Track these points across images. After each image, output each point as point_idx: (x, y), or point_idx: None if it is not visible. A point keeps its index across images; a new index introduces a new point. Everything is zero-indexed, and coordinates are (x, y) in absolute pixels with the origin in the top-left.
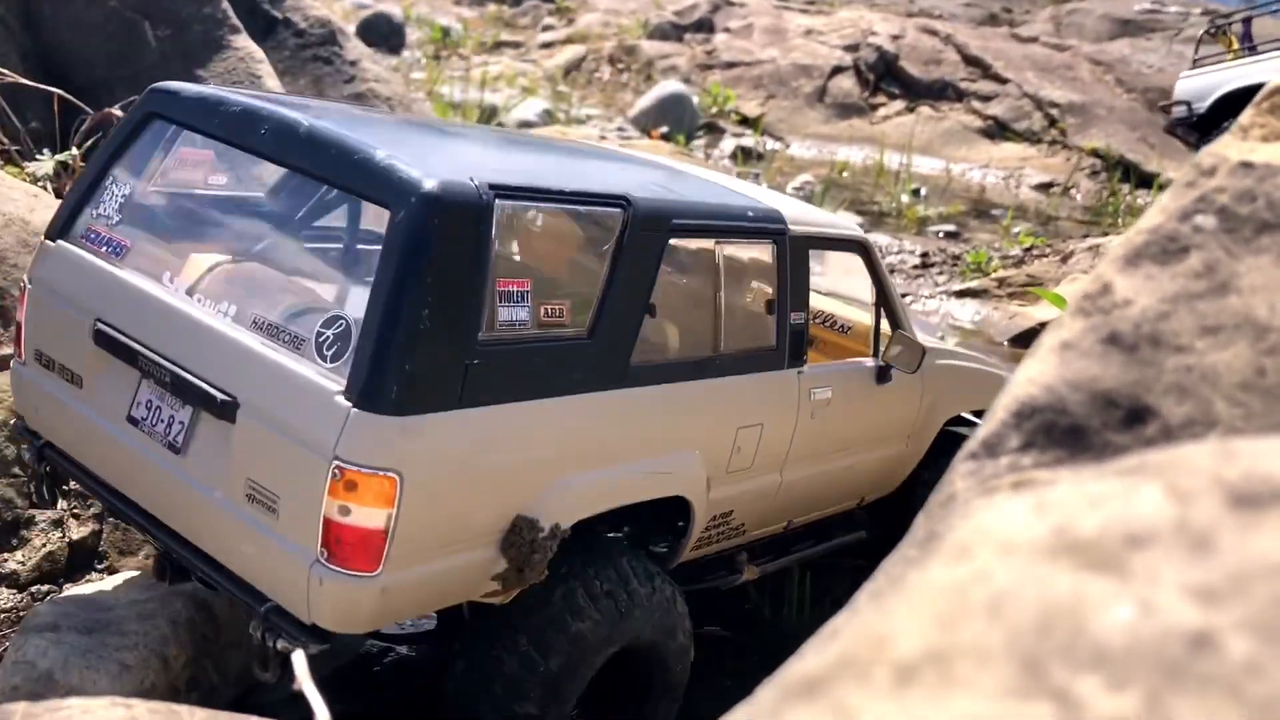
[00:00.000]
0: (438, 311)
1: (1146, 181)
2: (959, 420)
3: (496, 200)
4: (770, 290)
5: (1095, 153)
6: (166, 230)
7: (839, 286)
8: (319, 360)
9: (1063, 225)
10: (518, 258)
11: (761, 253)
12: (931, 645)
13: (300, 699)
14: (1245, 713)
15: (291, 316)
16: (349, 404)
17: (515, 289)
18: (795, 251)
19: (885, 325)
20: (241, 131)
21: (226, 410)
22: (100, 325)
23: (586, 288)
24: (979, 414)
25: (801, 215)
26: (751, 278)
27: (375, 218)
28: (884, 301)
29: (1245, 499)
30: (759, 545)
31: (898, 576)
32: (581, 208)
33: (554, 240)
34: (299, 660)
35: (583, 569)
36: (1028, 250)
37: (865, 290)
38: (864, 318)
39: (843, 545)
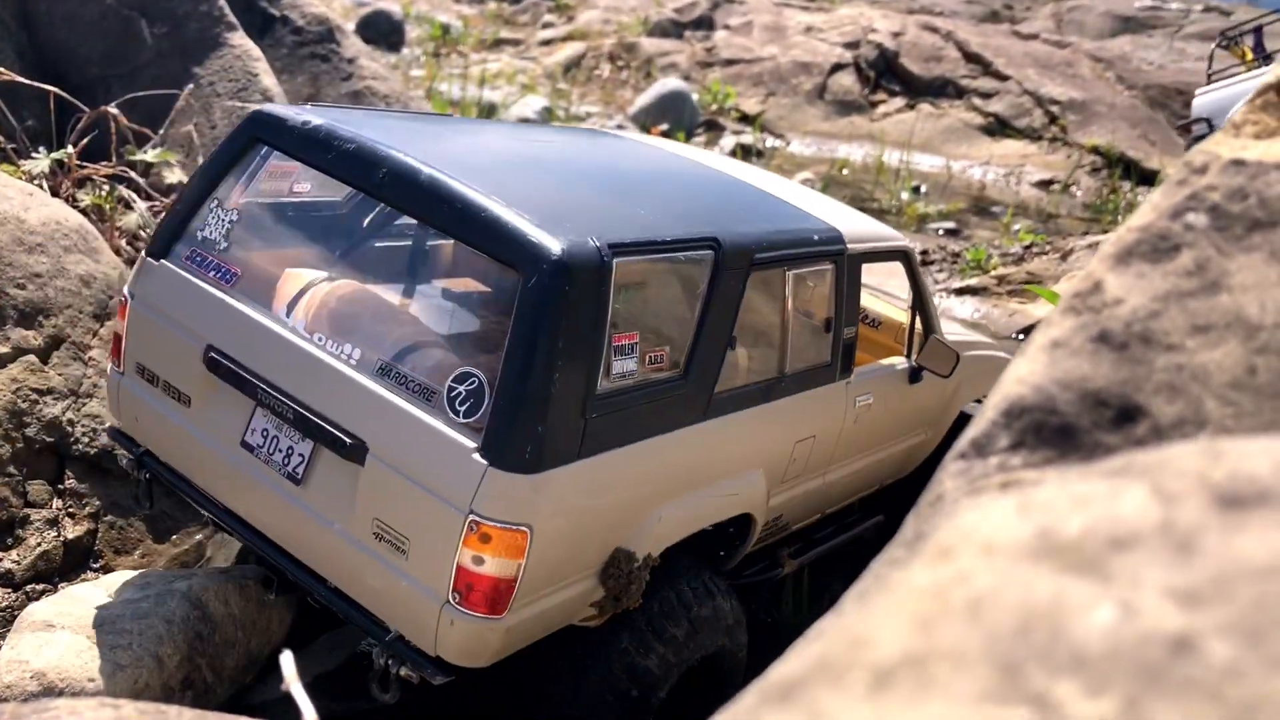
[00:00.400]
0: (566, 372)
1: (1147, 179)
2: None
3: (615, 259)
4: (827, 307)
5: (1096, 150)
6: (277, 260)
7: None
8: (452, 414)
9: (1063, 223)
10: (626, 308)
11: (822, 273)
12: (909, 648)
13: (290, 700)
14: (1225, 717)
15: (418, 366)
16: (485, 462)
17: (626, 342)
18: (851, 270)
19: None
20: (357, 172)
21: (354, 453)
22: (213, 352)
23: (680, 328)
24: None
25: (857, 231)
26: (811, 297)
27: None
28: (920, 305)
29: (1231, 500)
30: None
31: (882, 577)
32: (680, 254)
33: (653, 285)
34: (287, 662)
35: (665, 589)
36: (1028, 248)
37: (885, 279)
38: (889, 310)
39: (865, 530)
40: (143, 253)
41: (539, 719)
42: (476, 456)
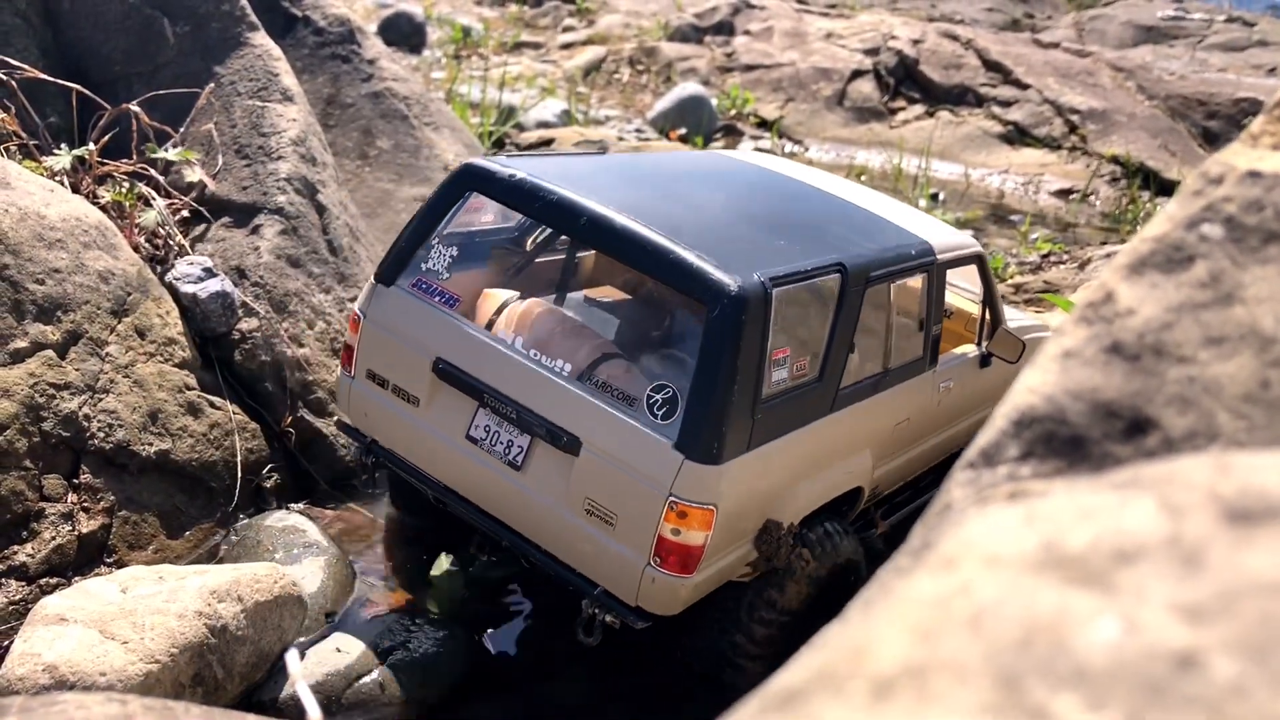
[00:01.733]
0: (741, 384)
1: (1166, 189)
2: None
3: (774, 289)
4: (920, 309)
5: (1115, 159)
6: (485, 284)
7: None
8: (652, 417)
9: (1081, 232)
10: (778, 327)
11: (918, 281)
12: (910, 659)
13: (296, 700)
14: None
15: (618, 378)
16: (682, 455)
17: (781, 356)
18: (939, 276)
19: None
20: (562, 220)
21: (570, 445)
22: (442, 363)
23: (814, 340)
24: None
25: (943, 242)
26: (908, 302)
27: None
28: (989, 300)
29: (1239, 514)
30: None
31: (887, 586)
32: (816, 280)
33: (796, 306)
34: (293, 660)
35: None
36: (1045, 256)
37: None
38: (958, 300)
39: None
40: (372, 279)
41: (696, 648)
42: (675, 451)
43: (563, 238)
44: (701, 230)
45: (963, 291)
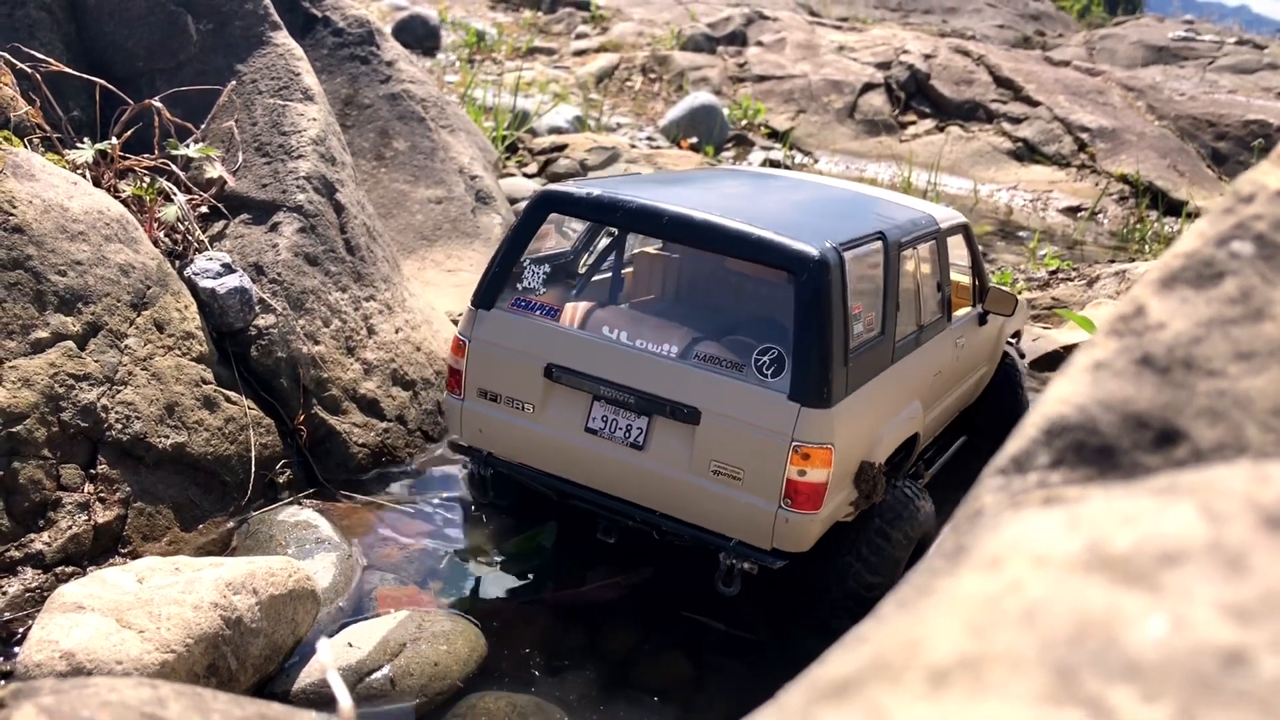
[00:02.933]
0: (835, 335)
1: (1174, 209)
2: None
3: (844, 253)
4: (934, 271)
5: (1124, 178)
6: (582, 295)
7: None
8: (762, 377)
9: (1089, 250)
10: (851, 286)
11: (930, 247)
12: (965, 651)
13: (316, 691)
14: None
15: (721, 350)
16: (797, 404)
17: (857, 311)
18: (942, 242)
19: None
20: (645, 223)
21: (690, 417)
22: (554, 367)
23: (873, 298)
24: (1016, 335)
25: (939, 215)
26: (926, 265)
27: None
28: (976, 266)
29: (1279, 521)
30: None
31: (925, 586)
32: (866, 245)
33: (855, 269)
34: (324, 649)
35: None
36: (1053, 273)
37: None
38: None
39: (957, 448)
40: (470, 306)
41: (824, 590)
42: (790, 401)
43: (619, 247)
44: (762, 216)
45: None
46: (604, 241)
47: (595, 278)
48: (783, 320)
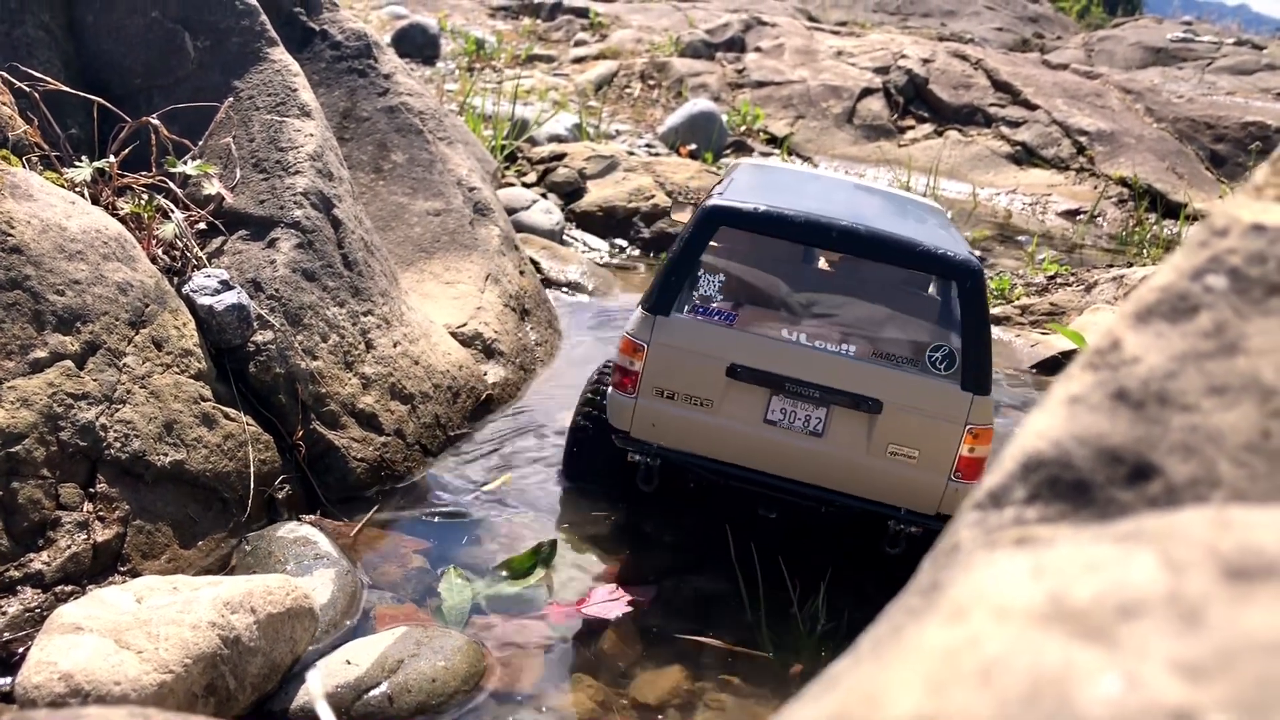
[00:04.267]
0: (989, 333)
1: (1173, 211)
2: None
3: (979, 261)
4: None
5: (1123, 181)
6: (758, 300)
7: None
8: (935, 371)
9: (1088, 253)
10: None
11: None
12: (922, 709)
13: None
14: None
15: (896, 348)
16: (970, 394)
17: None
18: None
19: None
20: (815, 236)
21: (873, 408)
22: (737, 367)
23: None
24: None
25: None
26: None
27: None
28: None
29: (1238, 572)
30: None
31: (898, 626)
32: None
33: None
34: (314, 680)
35: None
36: (1051, 278)
37: None
38: None
39: None
40: (647, 312)
41: None
42: (964, 391)
43: (779, 254)
44: (922, 230)
45: None
46: (770, 250)
47: (763, 284)
48: (944, 321)
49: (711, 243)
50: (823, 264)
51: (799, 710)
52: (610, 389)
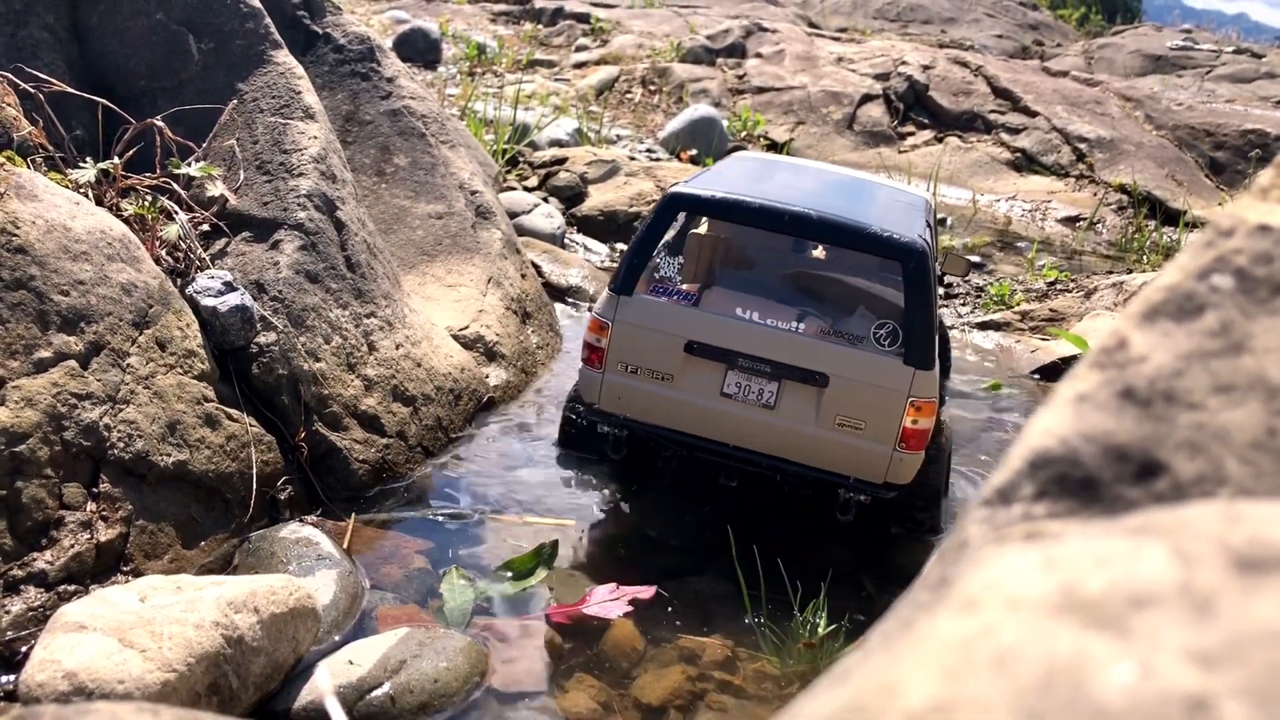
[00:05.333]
0: (933, 312)
1: (1172, 218)
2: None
3: (925, 243)
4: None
5: (1122, 188)
6: (717, 281)
7: None
8: (880, 347)
9: (1087, 260)
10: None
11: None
12: (938, 698)
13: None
14: None
15: (842, 326)
16: (912, 368)
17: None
18: (934, 227)
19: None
20: (768, 221)
21: (820, 381)
22: (694, 343)
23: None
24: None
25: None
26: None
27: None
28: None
29: (1248, 564)
30: None
31: (909, 620)
32: (929, 235)
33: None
34: (323, 677)
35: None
36: (1051, 284)
37: None
38: None
39: None
40: (612, 292)
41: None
42: (906, 366)
43: (729, 239)
44: (870, 212)
45: None
46: (727, 233)
47: (719, 265)
48: (890, 300)
49: (696, 230)
50: (818, 252)
51: (811, 702)
52: (581, 365)
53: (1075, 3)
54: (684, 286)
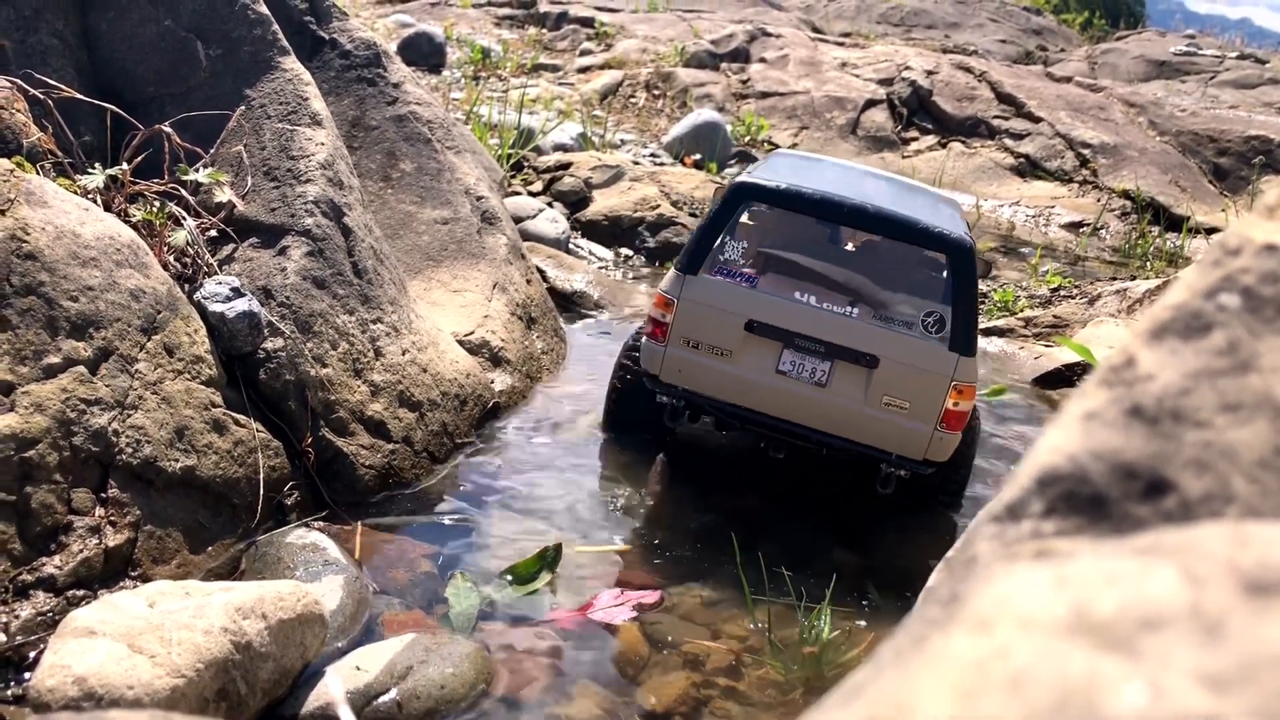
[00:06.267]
0: (975, 302)
1: (1176, 224)
2: None
3: (972, 240)
4: None
5: (1126, 194)
6: (778, 267)
7: None
8: (928, 333)
9: (1091, 266)
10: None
11: None
12: (953, 718)
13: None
14: None
15: (895, 312)
16: (956, 354)
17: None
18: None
19: None
20: (828, 212)
21: (871, 363)
22: (754, 322)
23: None
24: None
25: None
26: None
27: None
28: None
29: (1258, 586)
30: None
31: (921, 637)
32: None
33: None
34: (334, 683)
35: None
36: (1055, 291)
37: None
38: None
39: None
40: (678, 271)
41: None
42: (951, 352)
43: (796, 228)
44: (908, 208)
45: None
46: (774, 223)
47: (781, 251)
48: (938, 290)
49: (745, 219)
50: (849, 246)
51: (823, 719)
52: (644, 338)
53: (1079, 8)
54: (743, 269)
